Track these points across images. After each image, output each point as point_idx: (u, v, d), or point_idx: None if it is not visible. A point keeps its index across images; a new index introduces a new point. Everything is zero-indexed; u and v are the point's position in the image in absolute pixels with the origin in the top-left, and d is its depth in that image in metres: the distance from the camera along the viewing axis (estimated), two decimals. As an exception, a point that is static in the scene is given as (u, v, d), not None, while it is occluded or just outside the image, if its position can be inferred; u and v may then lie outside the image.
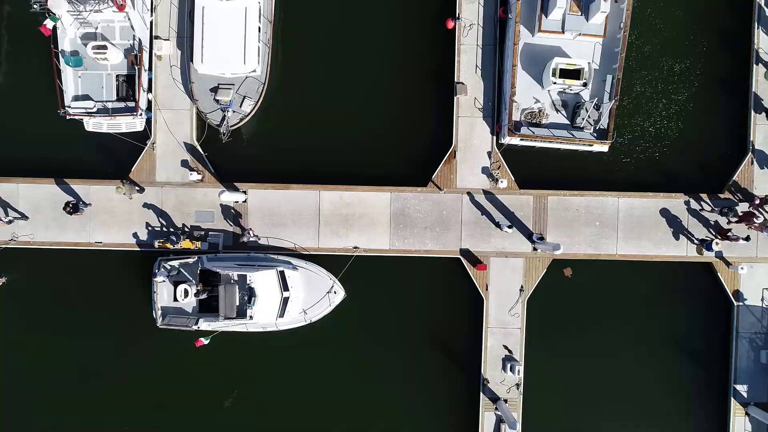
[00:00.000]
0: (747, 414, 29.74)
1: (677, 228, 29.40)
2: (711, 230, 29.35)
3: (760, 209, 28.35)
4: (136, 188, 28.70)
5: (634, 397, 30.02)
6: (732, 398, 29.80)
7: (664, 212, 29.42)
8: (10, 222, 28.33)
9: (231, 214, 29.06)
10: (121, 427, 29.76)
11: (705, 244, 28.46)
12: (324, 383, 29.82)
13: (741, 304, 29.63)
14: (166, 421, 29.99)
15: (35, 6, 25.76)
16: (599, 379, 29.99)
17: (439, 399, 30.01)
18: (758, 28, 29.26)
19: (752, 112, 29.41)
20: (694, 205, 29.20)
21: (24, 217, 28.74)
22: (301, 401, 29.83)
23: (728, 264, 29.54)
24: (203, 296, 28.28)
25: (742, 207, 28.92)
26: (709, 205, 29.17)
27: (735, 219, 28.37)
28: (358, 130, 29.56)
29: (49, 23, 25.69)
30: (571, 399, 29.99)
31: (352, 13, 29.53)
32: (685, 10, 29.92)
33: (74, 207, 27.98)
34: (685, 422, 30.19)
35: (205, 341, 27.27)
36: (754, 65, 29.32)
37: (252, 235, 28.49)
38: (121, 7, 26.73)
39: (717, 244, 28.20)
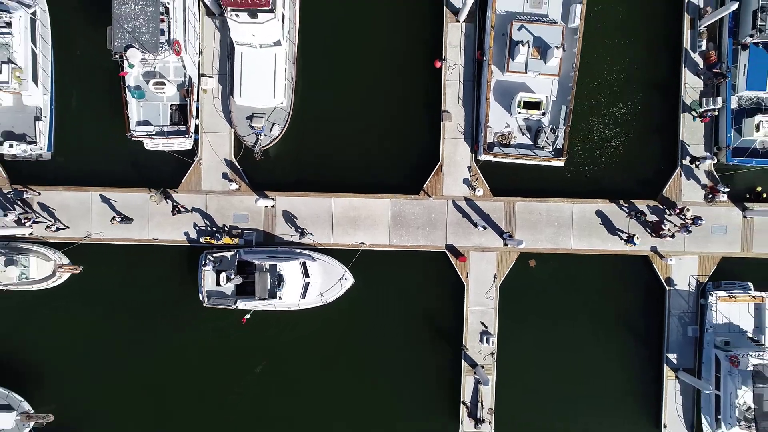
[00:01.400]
0: (677, 377, 36.87)
1: (620, 227, 36.52)
2: (647, 229, 36.50)
3: (680, 215, 35.56)
4: (165, 197, 35.90)
5: (585, 362, 37.15)
6: (665, 365, 36.94)
7: (610, 215, 36.52)
8: (121, 221, 35.55)
9: (262, 216, 36.30)
10: (175, 385, 36.92)
11: (630, 239, 35.71)
12: (335, 349, 37.06)
13: (672, 288, 36.80)
14: (206, 384, 37.21)
15: (116, 56, 32.99)
16: (558, 348, 37.13)
17: (429, 365, 37.16)
18: (685, 67, 36.40)
19: (681, 136, 36.55)
20: (633, 209, 36.36)
21: (129, 219, 35.93)
22: (318, 361, 37.12)
23: (661, 257, 36.69)
24: (239, 281, 35.31)
25: (660, 215, 36.36)
26: (630, 210, 36.38)
27: (649, 223, 35.81)
28: (364, 149, 36.78)
29: (127, 68, 33.07)
30: (534, 364, 37.13)
31: (358, 57, 36.70)
32: (626, 53, 37.04)
33: (179, 210, 35.55)
34: (627, 384, 37.34)
35: (247, 316, 34.41)
36: (682, 97, 36.46)
37: (309, 235, 35.84)
38: (177, 53, 33.95)
39: (638, 239, 35.51)
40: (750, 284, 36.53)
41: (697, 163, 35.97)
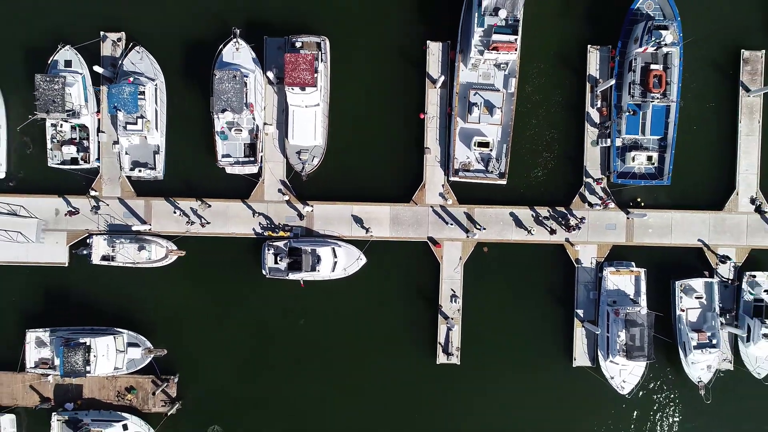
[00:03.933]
0: (583, 326, 54.71)
1: (544, 225, 54.41)
2: (562, 226, 54.36)
3: (571, 220, 53.56)
4: (207, 206, 53.69)
5: (521, 315, 54.99)
6: (575, 318, 54.78)
7: (537, 216, 54.45)
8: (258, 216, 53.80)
9: (305, 217, 54.38)
10: (245, 335, 54.87)
11: (529, 232, 53.75)
12: (354, 304, 54.95)
13: (579, 266, 54.65)
14: (267, 331, 55.19)
15: (215, 116, 51.08)
16: (503, 307, 54.95)
17: (414, 318, 55.05)
18: (587, 120, 54.47)
19: (585, 161, 54.49)
20: (543, 214, 54.40)
21: (266, 217, 53.86)
22: (341, 313, 55.07)
23: (572, 244, 54.58)
24: (289, 260, 53.01)
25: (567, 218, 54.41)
26: (539, 214, 54.29)
27: (561, 223, 53.87)
28: (373, 172, 54.86)
29: (224, 125, 51.42)
30: (487, 317, 54.92)
31: (368, 112, 54.88)
32: (546, 109, 55.11)
33: (301, 216, 53.53)
34: (549, 331, 55.17)
35: (303, 284, 52.61)
36: (587, 135, 54.54)
37: (370, 234, 53.62)
38: (251, 111, 52.07)
39: (534, 231, 53.45)
40: (633, 263, 54.22)
41: (596, 203, 54.22)
